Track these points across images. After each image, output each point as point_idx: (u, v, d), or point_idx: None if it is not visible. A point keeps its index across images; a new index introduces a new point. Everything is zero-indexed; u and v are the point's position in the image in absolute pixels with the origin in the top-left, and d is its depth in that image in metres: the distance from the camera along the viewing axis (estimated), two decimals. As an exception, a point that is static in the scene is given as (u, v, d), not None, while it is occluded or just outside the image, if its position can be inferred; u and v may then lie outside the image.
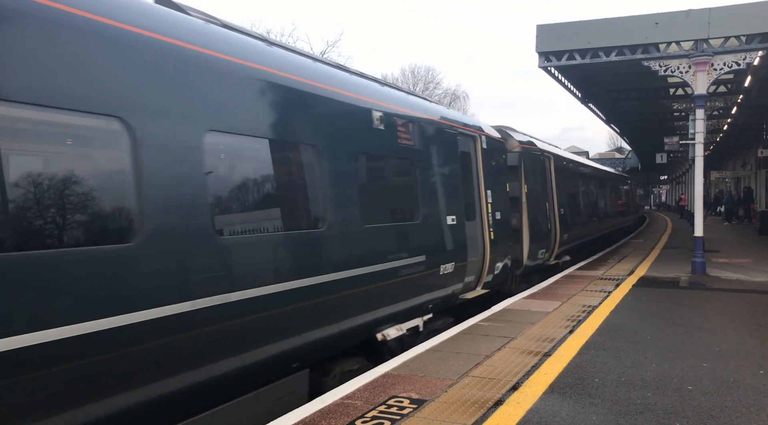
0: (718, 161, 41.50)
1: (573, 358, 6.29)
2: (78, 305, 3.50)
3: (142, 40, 4.12)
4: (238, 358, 4.70)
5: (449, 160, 8.71)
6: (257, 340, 4.92)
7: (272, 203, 5.45)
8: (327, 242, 5.79)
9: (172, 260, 4.14)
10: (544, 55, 13.70)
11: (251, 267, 4.82)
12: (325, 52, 41.39)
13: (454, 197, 8.69)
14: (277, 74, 5.50)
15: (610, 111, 24.99)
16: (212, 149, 4.57)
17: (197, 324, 4.24)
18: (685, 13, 12.45)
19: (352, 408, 4.86)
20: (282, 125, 5.44)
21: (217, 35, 5.12)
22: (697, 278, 12.23)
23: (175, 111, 4.27)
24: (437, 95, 57.03)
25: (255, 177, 5.31)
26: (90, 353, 3.54)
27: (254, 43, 5.71)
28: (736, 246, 19.25)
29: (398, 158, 7.49)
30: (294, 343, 5.39)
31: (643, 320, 8.23)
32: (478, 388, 5.34)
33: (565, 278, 12.48)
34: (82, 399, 3.58)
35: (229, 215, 4.83)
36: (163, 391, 4.08)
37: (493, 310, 9.00)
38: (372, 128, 6.79)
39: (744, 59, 12.26)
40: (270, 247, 5.10)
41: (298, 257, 5.40)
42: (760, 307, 9.13)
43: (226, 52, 4.95)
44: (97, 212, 3.77)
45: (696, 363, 6.12)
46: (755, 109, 22.68)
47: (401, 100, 7.98)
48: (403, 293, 7.23)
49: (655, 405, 4.88)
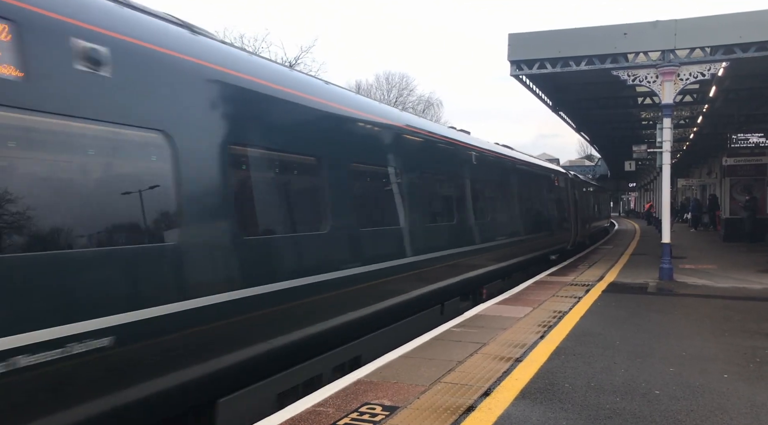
0: (685, 168, 42.38)
1: (544, 364, 6.35)
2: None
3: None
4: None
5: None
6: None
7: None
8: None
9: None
10: (516, 64, 13.87)
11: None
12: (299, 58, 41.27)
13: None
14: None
15: (581, 119, 25.39)
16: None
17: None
18: (652, 24, 12.73)
19: (324, 416, 4.84)
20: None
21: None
22: (664, 284, 12.46)
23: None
24: (411, 102, 57.30)
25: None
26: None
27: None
28: (702, 253, 19.67)
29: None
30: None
31: (612, 325, 8.35)
32: (450, 394, 5.36)
33: (536, 284, 12.61)
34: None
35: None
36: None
37: (466, 316, 9.04)
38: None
39: (709, 70, 12.56)
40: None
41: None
42: (724, 313, 9.34)
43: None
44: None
45: (663, 367, 6.23)
46: (720, 118, 23.26)
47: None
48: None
49: (624, 410, 4.95)
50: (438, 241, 9.42)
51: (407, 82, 64.20)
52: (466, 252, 10.47)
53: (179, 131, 4.51)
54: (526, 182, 16.30)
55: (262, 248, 5.42)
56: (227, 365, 4.90)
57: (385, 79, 61.03)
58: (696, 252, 19.62)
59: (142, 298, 4.07)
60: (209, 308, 4.60)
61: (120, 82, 4.09)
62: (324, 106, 6.73)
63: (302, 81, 7.03)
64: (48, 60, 3.68)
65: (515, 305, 9.98)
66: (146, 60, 4.39)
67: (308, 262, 6.06)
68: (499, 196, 13.69)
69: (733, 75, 16.70)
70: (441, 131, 11.05)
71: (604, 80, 15.21)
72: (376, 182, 8.10)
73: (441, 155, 10.30)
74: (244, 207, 5.37)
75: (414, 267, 8.23)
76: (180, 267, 4.46)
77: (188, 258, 4.52)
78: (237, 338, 4.99)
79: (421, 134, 9.47)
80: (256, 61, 6.33)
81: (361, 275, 6.89)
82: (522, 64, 13.81)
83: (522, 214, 15.05)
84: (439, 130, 11.05)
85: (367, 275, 7.01)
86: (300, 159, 6.33)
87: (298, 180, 6.53)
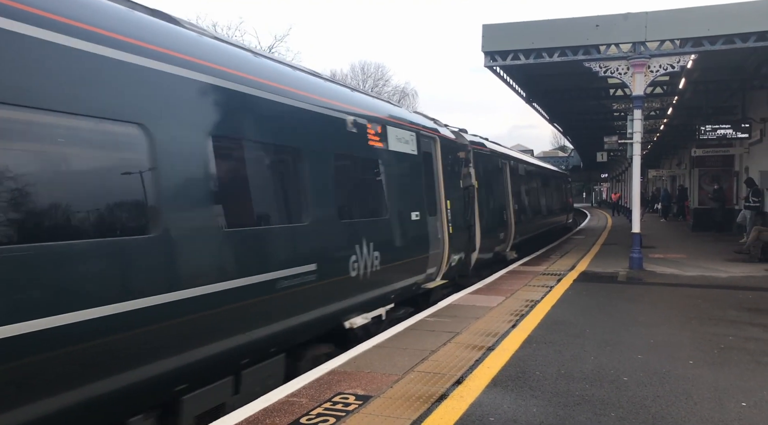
0: (656, 159, 43.07)
1: (515, 352, 6.44)
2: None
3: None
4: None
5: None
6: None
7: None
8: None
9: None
10: (490, 55, 13.92)
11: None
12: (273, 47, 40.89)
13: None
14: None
15: (554, 110, 25.62)
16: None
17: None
18: (623, 16, 12.87)
19: (297, 406, 4.85)
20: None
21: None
22: (634, 273, 12.69)
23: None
24: (387, 93, 57.22)
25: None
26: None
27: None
28: (672, 242, 20.06)
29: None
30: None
31: (582, 314, 8.49)
32: (423, 383, 5.41)
33: (509, 274, 12.75)
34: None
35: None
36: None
37: (440, 306, 9.12)
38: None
39: (678, 62, 12.77)
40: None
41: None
42: (691, 301, 9.56)
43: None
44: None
45: (631, 355, 6.36)
46: (689, 110, 23.68)
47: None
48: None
49: (593, 397, 5.05)
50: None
51: (383, 72, 64.19)
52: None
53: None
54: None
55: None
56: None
57: (360, 68, 61.04)
58: (665, 242, 20.00)
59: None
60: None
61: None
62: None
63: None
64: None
65: (488, 294, 10.08)
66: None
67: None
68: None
69: (701, 67, 17.01)
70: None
71: (577, 72, 15.35)
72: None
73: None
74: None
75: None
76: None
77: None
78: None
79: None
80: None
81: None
82: (496, 56, 13.87)
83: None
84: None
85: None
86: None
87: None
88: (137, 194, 4.41)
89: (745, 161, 22.50)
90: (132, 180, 4.39)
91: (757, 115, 19.73)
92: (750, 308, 8.86)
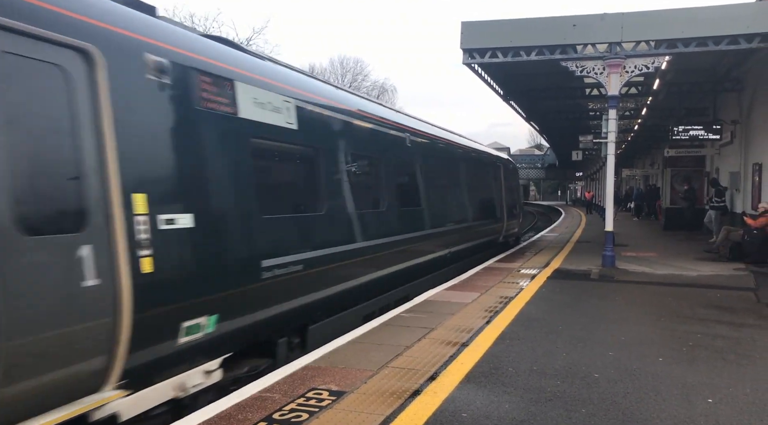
0: (630, 159, 43.73)
1: (489, 348, 6.48)
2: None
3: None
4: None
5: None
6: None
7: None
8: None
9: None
10: (468, 52, 13.95)
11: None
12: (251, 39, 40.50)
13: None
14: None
15: (530, 109, 25.83)
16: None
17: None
18: (600, 16, 13.01)
19: (270, 402, 4.83)
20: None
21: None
22: (606, 270, 12.85)
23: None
24: (365, 88, 57.12)
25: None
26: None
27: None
28: (644, 241, 20.37)
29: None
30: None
31: (556, 311, 8.58)
32: (397, 379, 5.42)
33: (484, 270, 12.83)
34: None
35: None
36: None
37: (415, 301, 9.14)
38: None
39: (653, 63, 12.94)
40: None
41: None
42: (661, 299, 9.71)
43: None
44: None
45: (603, 351, 6.45)
46: (662, 111, 24.06)
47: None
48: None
49: (564, 393, 5.11)
50: None
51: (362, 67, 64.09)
52: None
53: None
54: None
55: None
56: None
57: (339, 63, 60.75)
58: (637, 240, 20.30)
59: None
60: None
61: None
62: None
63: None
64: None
65: (463, 290, 10.14)
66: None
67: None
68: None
69: (675, 69, 17.30)
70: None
71: (554, 71, 15.48)
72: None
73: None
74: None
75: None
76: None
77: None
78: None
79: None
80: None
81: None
82: (474, 53, 13.91)
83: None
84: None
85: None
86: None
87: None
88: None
89: (716, 161, 22.95)
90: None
91: (728, 117, 20.12)
92: (718, 307, 9.04)
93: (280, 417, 4.51)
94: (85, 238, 3.98)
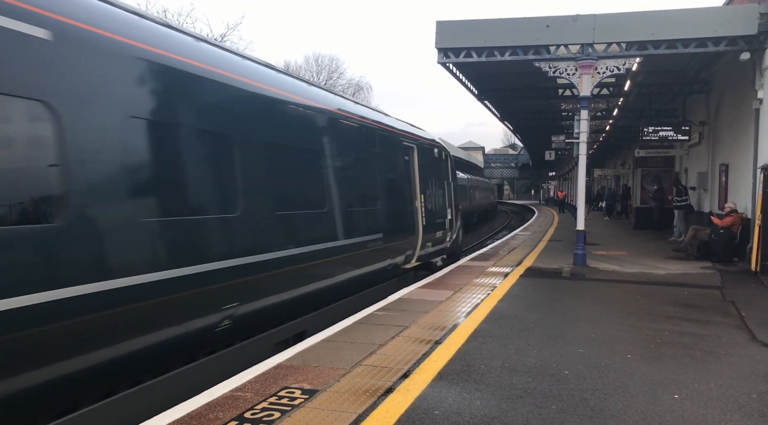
0: (602, 159, 44.36)
1: (462, 346, 6.53)
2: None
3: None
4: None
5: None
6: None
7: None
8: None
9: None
10: (443, 52, 14.03)
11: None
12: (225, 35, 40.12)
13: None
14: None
15: (505, 108, 26.05)
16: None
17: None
18: (572, 18, 13.17)
19: (242, 401, 4.80)
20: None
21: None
22: (578, 269, 13.03)
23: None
24: (341, 86, 57.01)
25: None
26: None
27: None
28: (614, 239, 20.68)
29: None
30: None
31: (528, 308, 8.67)
32: (370, 377, 5.43)
33: (458, 269, 12.91)
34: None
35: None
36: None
37: (390, 299, 9.16)
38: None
39: (624, 65, 13.15)
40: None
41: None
42: (630, 296, 9.88)
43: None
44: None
45: (573, 349, 6.54)
46: (633, 111, 24.45)
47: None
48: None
49: (535, 390, 5.18)
50: None
51: (337, 64, 63.93)
52: None
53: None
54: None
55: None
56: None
57: (314, 60, 60.60)
58: (608, 239, 20.60)
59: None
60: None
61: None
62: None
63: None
64: None
65: (438, 288, 10.19)
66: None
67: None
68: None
69: (646, 71, 17.58)
70: None
71: (527, 71, 15.62)
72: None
73: None
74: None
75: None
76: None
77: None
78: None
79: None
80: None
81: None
82: (449, 52, 13.99)
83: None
84: None
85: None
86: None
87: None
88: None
89: (685, 162, 23.40)
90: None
91: (696, 118, 20.54)
92: (685, 304, 9.23)
93: (252, 416, 4.48)
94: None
